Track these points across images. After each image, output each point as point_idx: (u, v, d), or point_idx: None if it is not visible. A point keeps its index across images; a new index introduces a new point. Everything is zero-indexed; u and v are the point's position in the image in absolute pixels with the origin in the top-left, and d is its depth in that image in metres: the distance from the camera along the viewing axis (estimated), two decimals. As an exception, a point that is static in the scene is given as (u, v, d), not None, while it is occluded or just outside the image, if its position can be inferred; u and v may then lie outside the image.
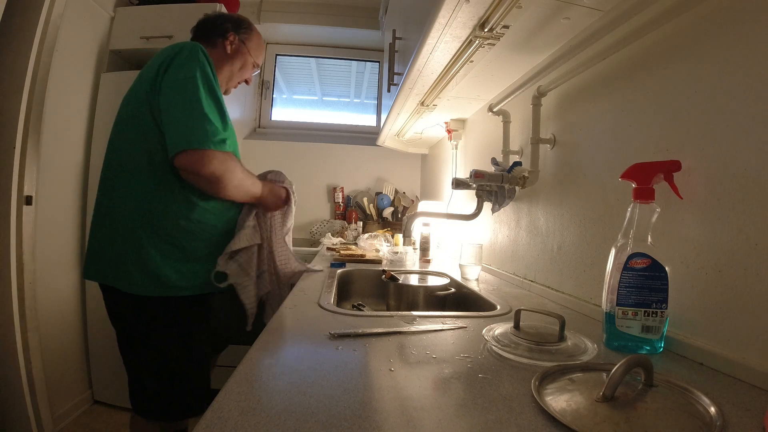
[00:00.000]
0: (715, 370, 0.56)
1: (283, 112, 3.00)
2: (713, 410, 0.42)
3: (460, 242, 1.40)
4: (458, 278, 1.27)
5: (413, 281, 1.20)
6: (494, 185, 1.20)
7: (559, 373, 0.51)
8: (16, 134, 1.38)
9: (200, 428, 0.38)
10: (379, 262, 1.59)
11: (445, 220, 1.87)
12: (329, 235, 2.34)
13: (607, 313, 0.63)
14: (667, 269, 0.59)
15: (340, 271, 1.35)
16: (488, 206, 1.28)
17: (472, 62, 1.09)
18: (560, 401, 0.44)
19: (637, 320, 0.60)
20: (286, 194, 1.20)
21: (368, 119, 3.06)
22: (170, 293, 1.00)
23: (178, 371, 1.03)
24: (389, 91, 1.72)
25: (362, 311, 1.00)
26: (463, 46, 1.01)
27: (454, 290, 1.18)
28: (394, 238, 2.02)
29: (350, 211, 2.71)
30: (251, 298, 1.12)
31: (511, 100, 1.22)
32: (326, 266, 1.42)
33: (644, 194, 0.62)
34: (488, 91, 1.38)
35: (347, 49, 2.91)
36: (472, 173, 1.15)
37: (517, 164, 1.17)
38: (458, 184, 1.26)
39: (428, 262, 1.66)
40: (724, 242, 0.57)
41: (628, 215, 0.64)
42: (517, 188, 1.22)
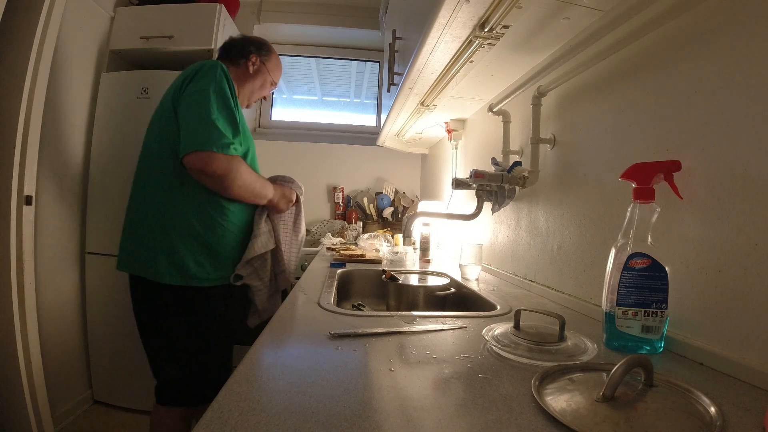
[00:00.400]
0: (715, 370, 0.56)
1: (283, 112, 3.00)
2: (713, 410, 0.42)
3: (460, 242, 1.40)
4: (458, 278, 1.27)
5: (413, 281, 1.20)
6: (494, 185, 1.20)
7: (559, 373, 0.51)
8: (16, 134, 1.38)
9: (200, 428, 0.38)
10: (379, 262, 1.59)
11: (445, 220, 1.87)
12: (329, 235, 2.34)
13: (607, 313, 0.63)
14: (667, 269, 0.59)
15: (340, 271, 1.35)
16: (488, 206, 1.28)
17: (472, 62, 1.09)
18: (560, 401, 0.44)
19: (637, 320, 0.60)
20: (296, 197, 1.32)
21: (368, 119, 3.05)
22: (192, 283, 1.10)
23: (194, 357, 1.12)
24: (389, 91, 1.71)
25: (362, 311, 1.00)
26: (463, 46, 1.01)
27: (454, 290, 1.18)
28: (394, 238, 2.02)
29: (350, 211, 2.71)
30: (263, 301, 1.24)
31: (511, 100, 1.22)
32: (326, 266, 1.43)
33: (644, 194, 0.62)
34: (488, 91, 1.38)
35: (347, 49, 2.91)
36: (472, 173, 1.15)
37: (517, 164, 1.17)
38: (458, 184, 1.26)
39: (428, 262, 1.66)
40: (724, 242, 0.57)
41: (628, 215, 0.64)
42: (517, 188, 1.22)
